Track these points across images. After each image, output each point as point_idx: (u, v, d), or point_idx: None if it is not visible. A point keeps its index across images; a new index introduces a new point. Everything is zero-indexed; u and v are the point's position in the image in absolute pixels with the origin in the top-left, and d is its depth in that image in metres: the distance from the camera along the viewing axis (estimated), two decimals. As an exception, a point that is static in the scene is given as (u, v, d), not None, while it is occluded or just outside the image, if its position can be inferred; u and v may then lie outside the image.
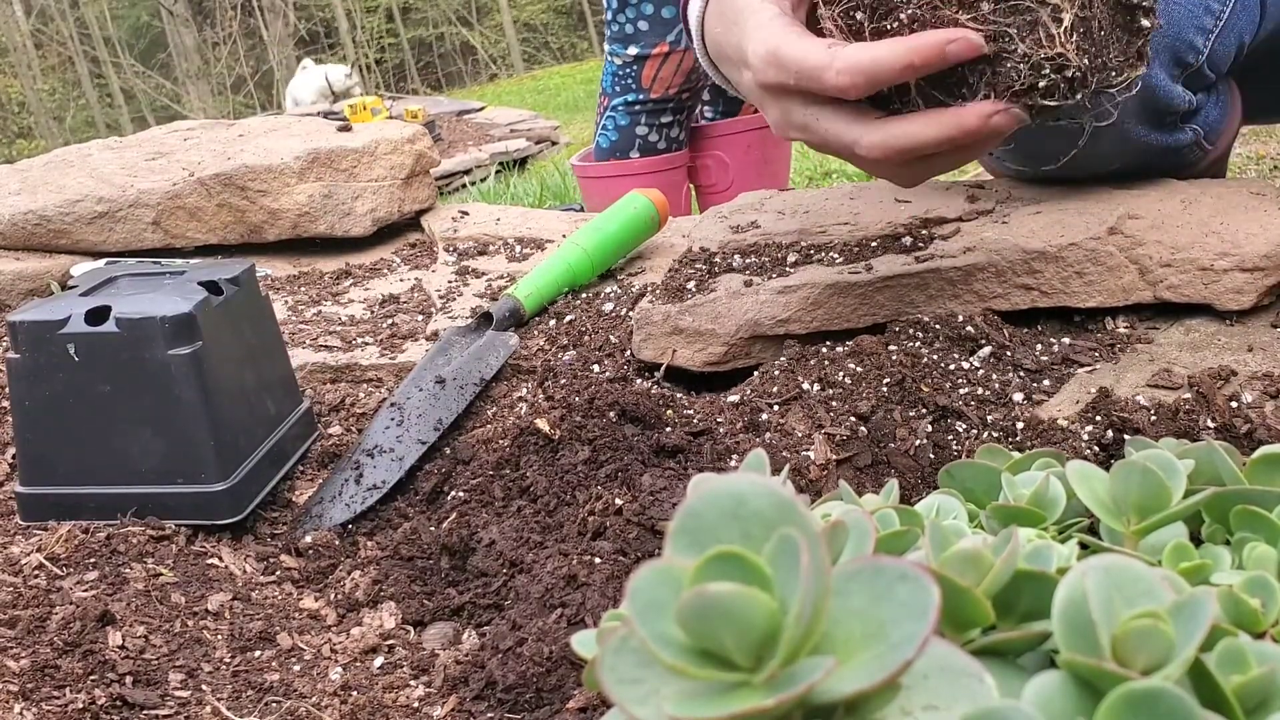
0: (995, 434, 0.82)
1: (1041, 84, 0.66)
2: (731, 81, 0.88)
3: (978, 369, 0.90)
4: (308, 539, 0.85)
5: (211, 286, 0.87)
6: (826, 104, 0.73)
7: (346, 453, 0.96)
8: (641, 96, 2.06)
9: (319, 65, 8.15)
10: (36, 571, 0.77)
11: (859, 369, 0.90)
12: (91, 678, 0.66)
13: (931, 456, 0.81)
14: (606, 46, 2.11)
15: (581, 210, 2.05)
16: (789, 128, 0.76)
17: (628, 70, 2.06)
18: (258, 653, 0.72)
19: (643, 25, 2.01)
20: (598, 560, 0.75)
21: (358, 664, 0.72)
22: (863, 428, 0.84)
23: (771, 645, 0.25)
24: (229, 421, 0.85)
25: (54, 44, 18.78)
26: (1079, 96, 0.67)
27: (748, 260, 1.12)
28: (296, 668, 0.71)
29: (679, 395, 1.01)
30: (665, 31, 2.00)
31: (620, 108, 2.09)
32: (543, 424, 0.93)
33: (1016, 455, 0.51)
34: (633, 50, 2.03)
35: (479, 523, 0.84)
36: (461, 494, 0.90)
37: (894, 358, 0.90)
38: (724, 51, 0.83)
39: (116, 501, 0.83)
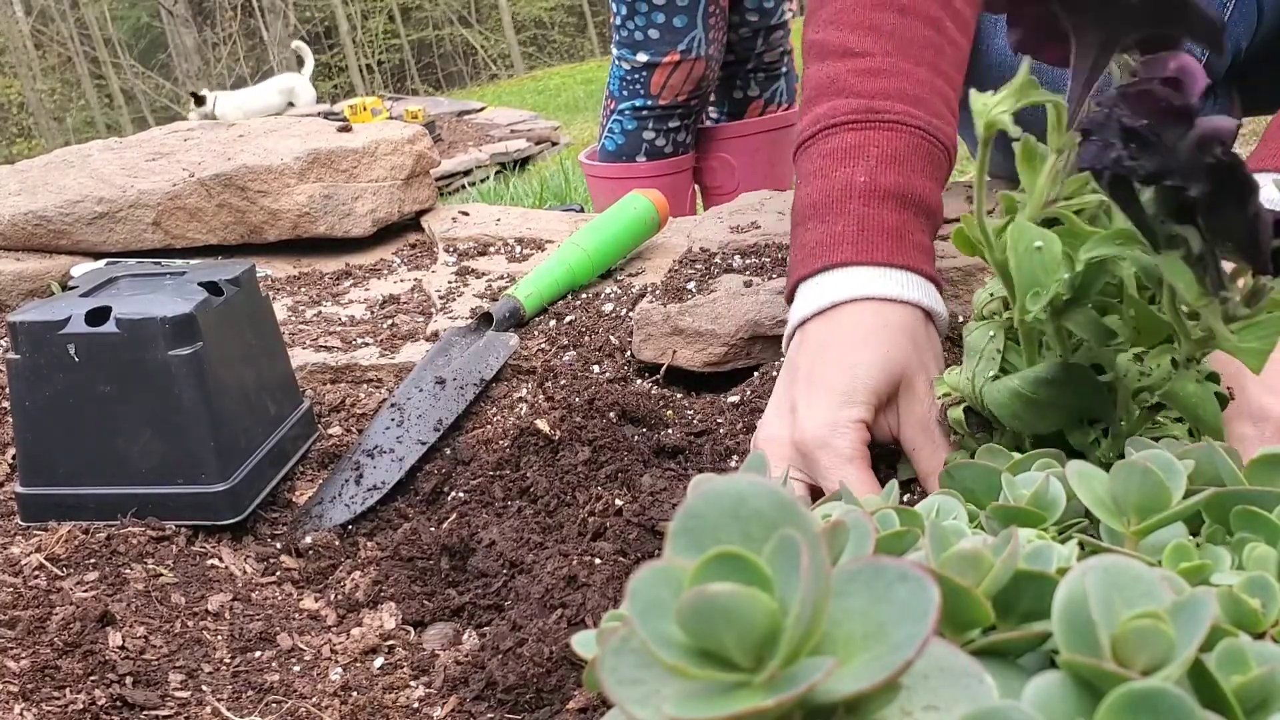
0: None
1: None
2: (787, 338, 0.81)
3: (978, 369, 0.90)
4: (308, 539, 0.85)
5: (212, 287, 0.87)
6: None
7: (346, 453, 0.96)
8: (650, 103, 2.05)
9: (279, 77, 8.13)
10: (36, 572, 0.77)
11: (859, 369, 0.90)
12: (91, 678, 0.66)
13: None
14: (614, 50, 2.09)
15: (582, 210, 2.05)
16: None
17: (636, 76, 2.04)
18: (258, 653, 0.72)
19: (653, 33, 1.99)
20: (598, 561, 0.75)
21: (358, 664, 0.72)
22: (863, 428, 0.84)
23: (771, 645, 0.25)
24: (229, 422, 0.85)
25: (54, 44, 18.78)
26: None
27: (748, 260, 1.12)
28: (296, 668, 0.71)
29: (679, 396, 1.01)
30: (676, 40, 1.99)
31: (627, 112, 2.08)
32: (543, 424, 0.93)
33: (1017, 455, 0.51)
34: (642, 57, 2.01)
35: (479, 523, 0.84)
36: (461, 494, 0.90)
37: (894, 358, 0.90)
38: (812, 372, 0.75)
39: (117, 502, 0.83)
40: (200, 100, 7.50)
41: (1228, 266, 0.46)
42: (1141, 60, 0.45)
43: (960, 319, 0.93)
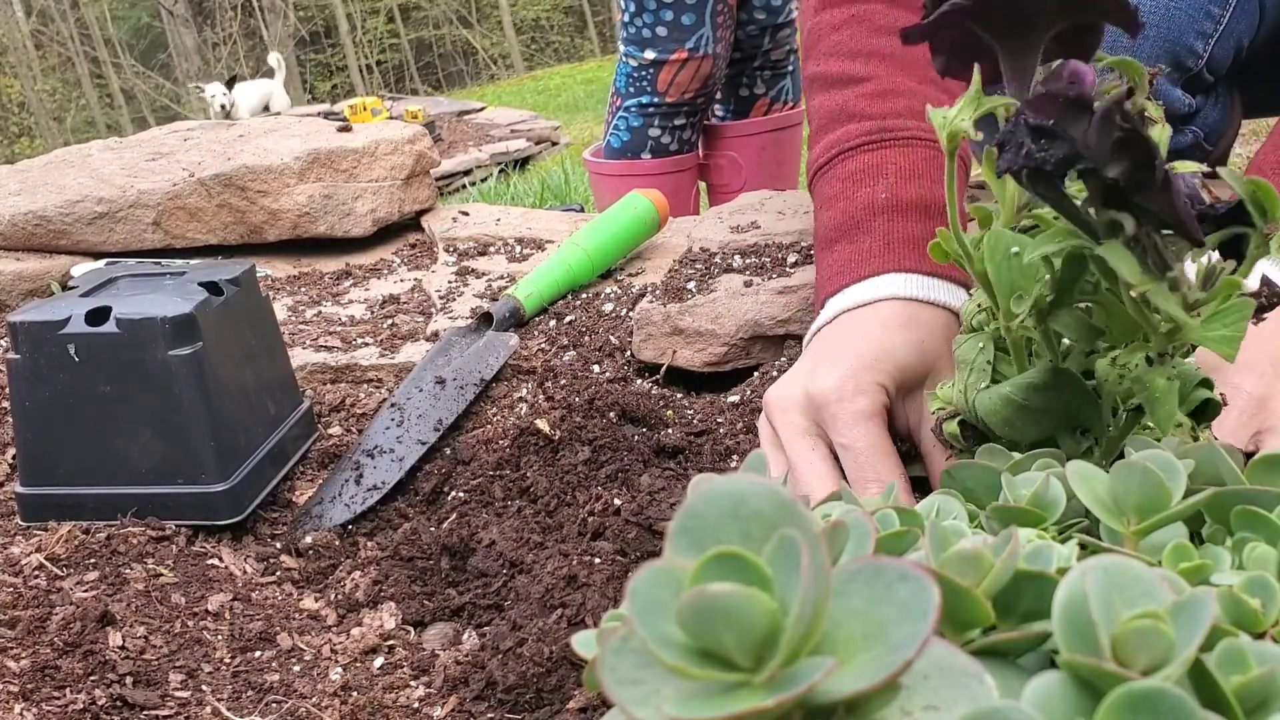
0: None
1: None
2: (814, 330, 0.79)
3: (978, 369, 0.90)
4: (308, 539, 0.85)
5: (212, 287, 0.87)
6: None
7: (346, 453, 0.96)
8: (656, 100, 2.05)
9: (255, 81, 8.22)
10: (37, 572, 0.77)
11: (859, 369, 0.90)
12: (91, 678, 0.66)
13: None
14: (621, 47, 2.09)
15: (582, 210, 2.05)
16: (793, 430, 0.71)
17: (643, 73, 2.04)
18: (258, 653, 0.72)
19: (661, 31, 1.99)
20: (598, 560, 0.75)
21: (358, 664, 0.72)
22: (863, 428, 0.84)
23: (771, 646, 0.25)
24: (229, 422, 0.85)
25: (54, 44, 18.78)
26: None
27: (748, 260, 1.12)
28: (296, 668, 0.71)
29: (679, 395, 1.01)
30: (684, 38, 1.99)
31: (633, 109, 2.07)
32: (543, 424, 0.93)
33: (1017, 455, 0.51)
34: (649, 54, 2.01)
35: (479, 523, 0.84)
36: (461, 494, 0.90)
37: (894, 358, 0.90)
38: (832, 342, 0.74)
39: (117, 502, 0.83)
40: (233, 82, 7.57)
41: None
42: (1042, 80, 0.45)
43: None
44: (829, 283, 0.79)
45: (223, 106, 7.35)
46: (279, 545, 0.86)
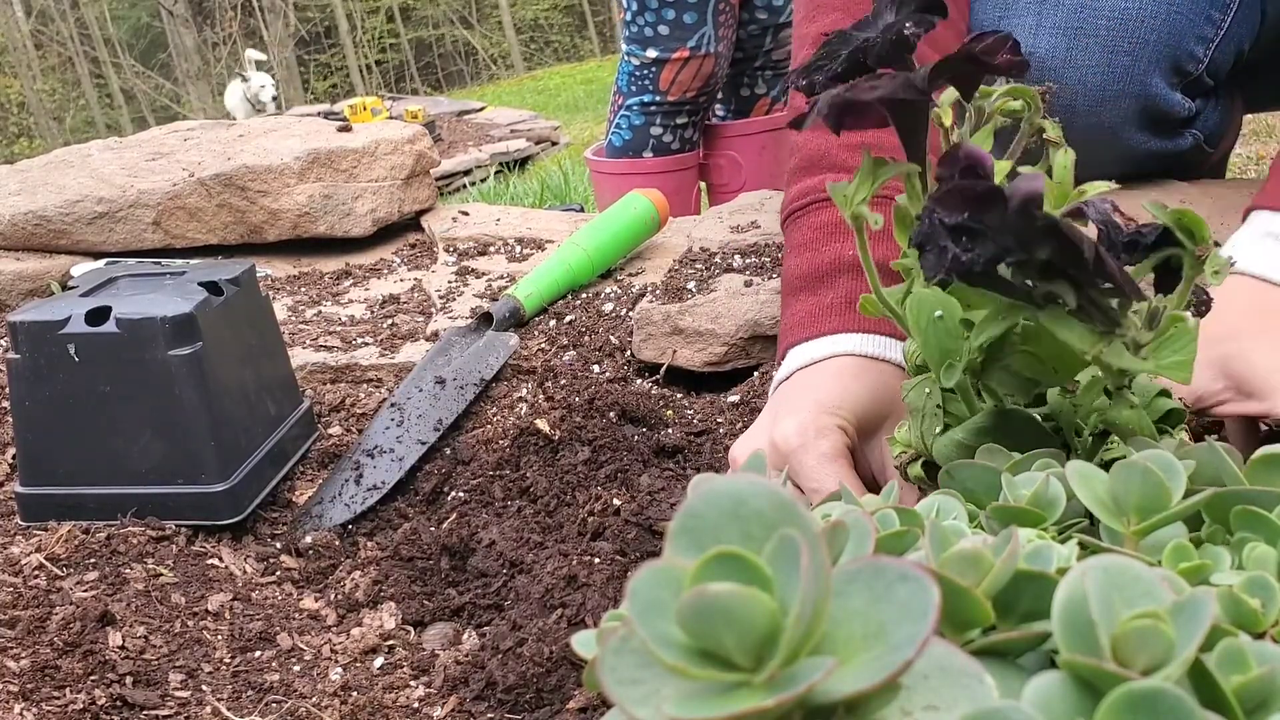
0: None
1: None
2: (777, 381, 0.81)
3: (978, 369, 0.90)
4: (308, 539, 0.85)
5: (212, 287, 0.87)
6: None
7: (346, 453, 0.96)
8: (658, 98, 2.05)
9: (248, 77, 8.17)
10: (37, 572, 0.77)
11: (859, 369, 0.90)
12: (91, 678, 0.66)
13: (931, 457, 0.81)
14: (623, 46, 2.09)
15: (582, 210, 2.05)
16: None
17: (645, 72, 2.04)
18: (258, 653, 0.72)
19: (663, 29, 1.99)
20: (597, 560, 0.75)
21: (358, 664, 0.72)
22: (863, 428, 0.84)
23: (771, 646, 0.25)
24: (229, 422, 0.85)
25: (54, 44, 18.78)
26: None
27: (748, 260, 1.12)
28: (296, 668, 0.71)
29: (679, 395, 1.01)
30: (686, 37, 1.99)
31: (635, 108, 2.07)
32: (543, 424, 0.93)
33: (1016, 455, 0.51)
34: (652, 53, 2.02)
35: (479, 523, 0.84)
36: (461, 494, 0.90)
37: (894, 358, 0.90)
38: (790, 395, 0.76)
39: (117, 502, 0.83)
40: (262, 66, 7.57)
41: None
42: (940, 166, 0.45)
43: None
44: (790, 333, 0.81)
45: (274, 98, 7.29)
46: (279, 545, 0.86)
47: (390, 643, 0.75)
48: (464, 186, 4.73)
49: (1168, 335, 0.46)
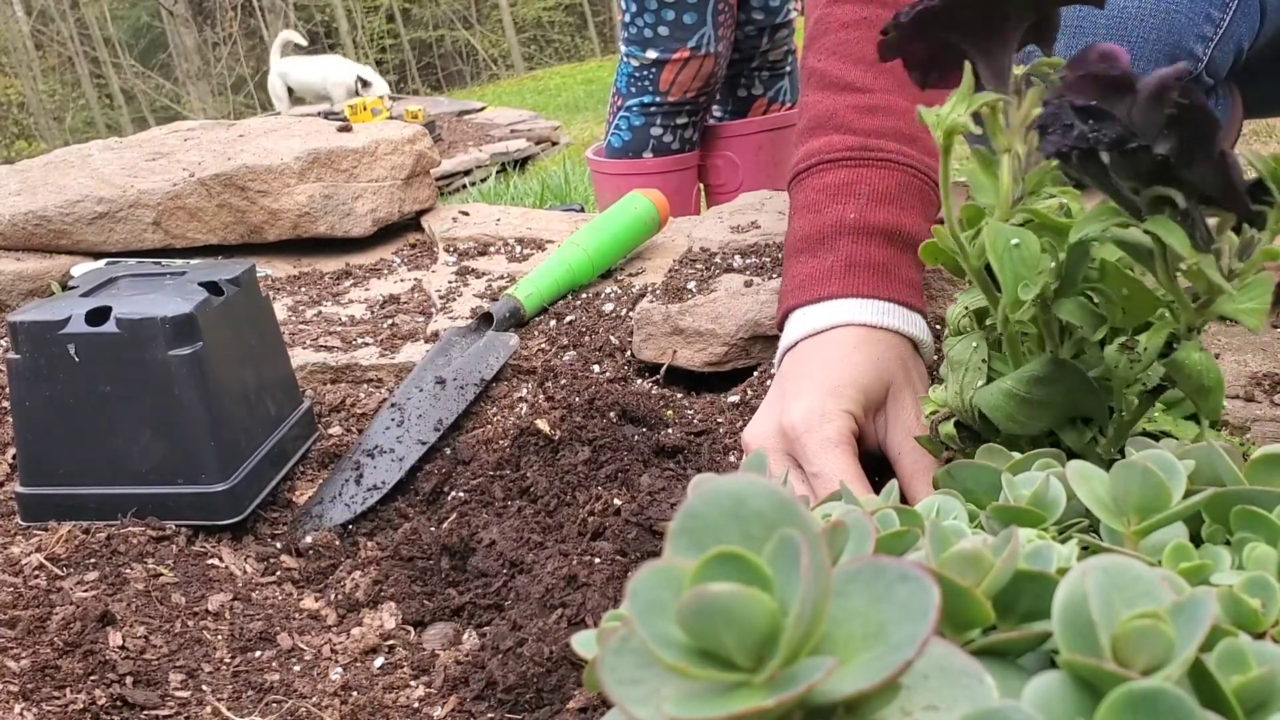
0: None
1: None
2: (779, 359, 0.83)
3: (978, 369, 0.90)
4: (308, 539, 0.85)
5: (212, 287, 0.87)
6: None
7: (347, 453, 0.96)
8: (658, 99, 2.05)
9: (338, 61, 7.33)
10: (37, 572, 0.77)
11: (859, 369, 0.90)
12: (92, 678, 0.66)
13: (932, 457, 0.81)
14: (622, 47, 2.09)
15: (582, 210, 2.05)
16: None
17: (645, 73, 2.04)
18: (258, 653, 0.72)
19: (663, 30, 1.99)
20: (597, 560, 0.75)
21: (358, 664, 0.72)
22: (863, 428, 0.84)
23: (771, 645, 0.25)
24: (229, 422, 0.85)
25: (54, 44, 18.78)
26: None
27: (748, 260, 1.12)
28: (297, 668, 0.71)
29: (679, 395, 1.01)
30: (686, 37, 1.99)
31: (635, 108, 2.07)
32: (543, 424, 0.93)
33: (1017, 455, 0.51)
34: (651, 54, 2.01)
35: (479, 523, 0.84)
36: (462, 494, 0.90)
37: (894, 358, 0.90)
38: (793, 374, 0.78)
39: (117, 502, 0.83)
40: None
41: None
42: (1066, 66, 0.46)
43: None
44: (790, 295, 0.83)
45: (359, 89, 6.70)
46: (279, 545, 0.86)
47: (390, 643, 0.75)
48: (464, 186, 4.73)
49: (1248, 282, 0.47)
